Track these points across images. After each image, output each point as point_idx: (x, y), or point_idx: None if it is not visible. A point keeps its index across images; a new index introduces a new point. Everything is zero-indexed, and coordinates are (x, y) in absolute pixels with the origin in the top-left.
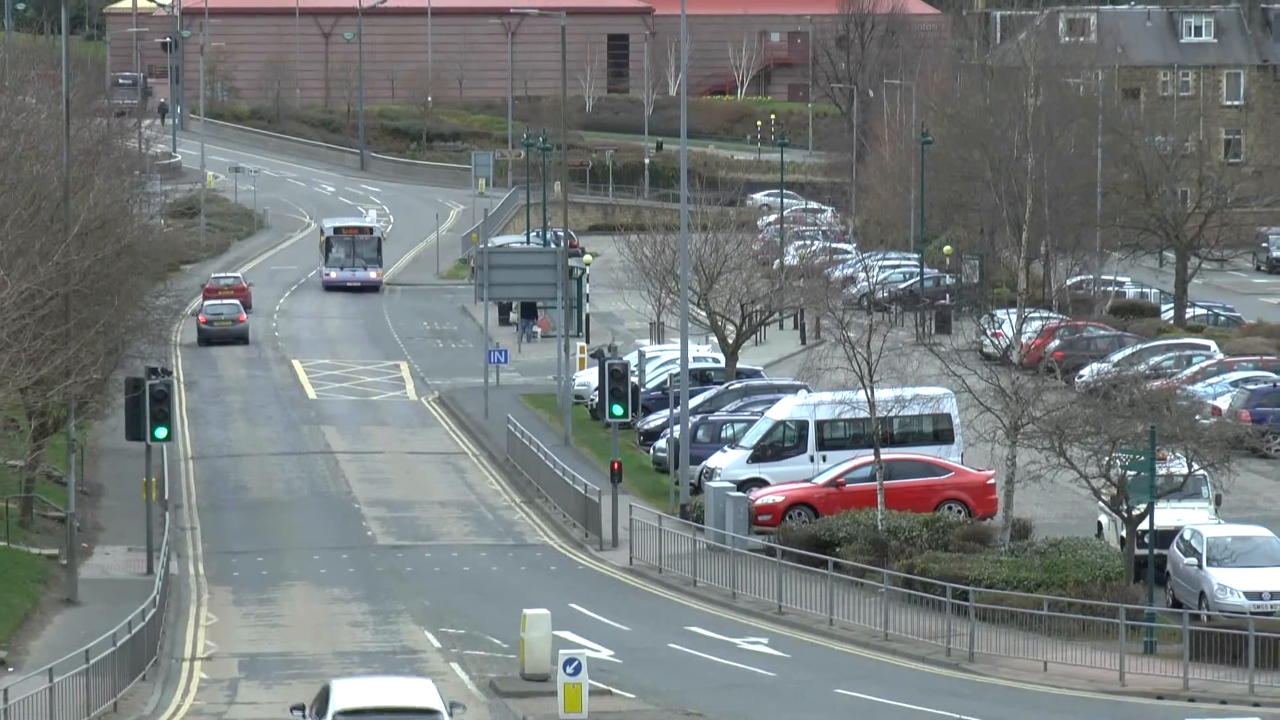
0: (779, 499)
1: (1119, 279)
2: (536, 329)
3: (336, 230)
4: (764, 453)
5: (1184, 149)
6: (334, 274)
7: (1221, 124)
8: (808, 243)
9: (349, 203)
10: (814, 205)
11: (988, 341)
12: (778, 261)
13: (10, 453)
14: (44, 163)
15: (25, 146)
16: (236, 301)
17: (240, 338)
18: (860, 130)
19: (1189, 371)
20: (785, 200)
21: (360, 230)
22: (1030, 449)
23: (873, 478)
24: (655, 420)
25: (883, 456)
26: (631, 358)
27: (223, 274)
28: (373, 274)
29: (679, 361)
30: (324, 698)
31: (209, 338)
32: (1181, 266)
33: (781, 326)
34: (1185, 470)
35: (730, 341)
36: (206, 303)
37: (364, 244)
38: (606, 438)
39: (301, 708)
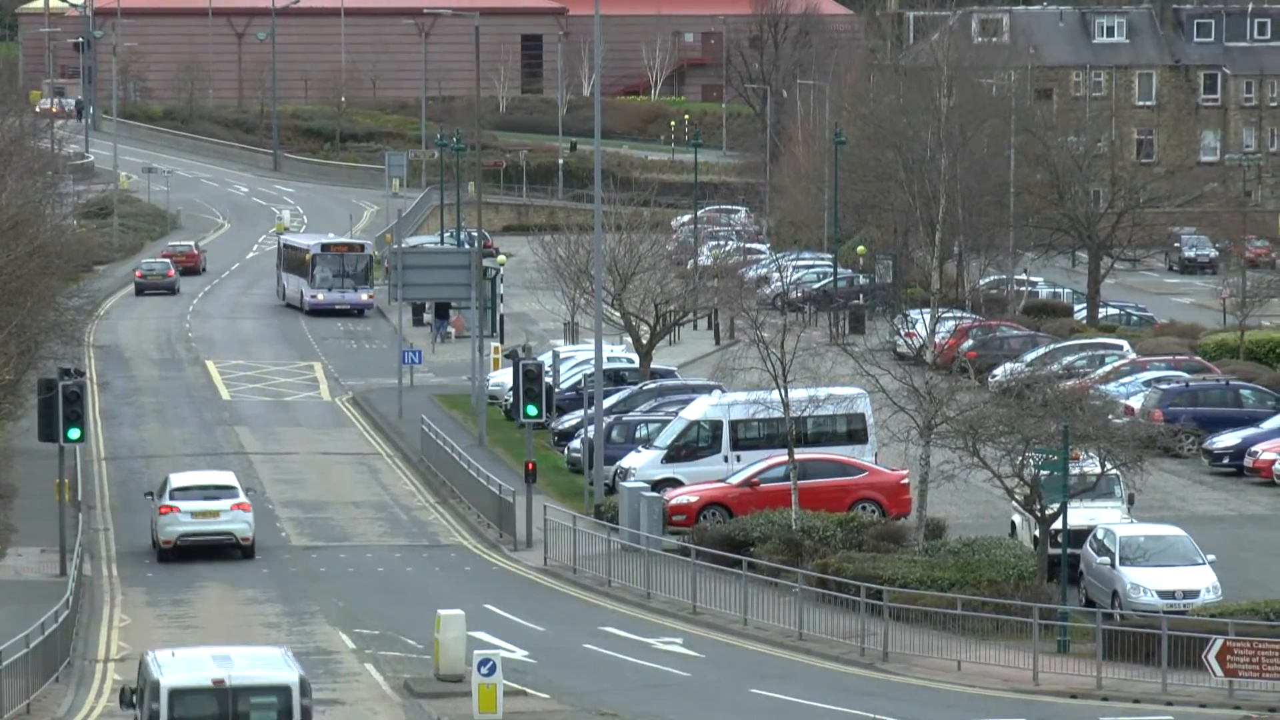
0: (693, 499)
1: (1032, 279)
2: (450, 329)
3: (324, 248)
4: (678, 453)
5: (1097, 149)
6: (320, 296)
7: (1134, 124)
8: (721, 243)
9: (263, 203)
10: (727, 206)
11: (901, 341)
12: (692, 262)
13: None
14: None
15: None
16: (167, 260)
17: (171, 289)
18: (774, 131)
19: (1102, 371)
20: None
21: (351, 247)
22: (944, 449)
23: (787, 478)
24: (570, 420)
25: (797, 456)
26: (546, 358)
27: (178, 243)
28: (364, 295)
29: (593, 362)
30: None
31: (142, 288)
32: (1094, 266)
33: (696, 327)
34: (1098, 470)
35: (645, 342)
36: (143, 260)
37: (354, 262)
38: (521, 438)
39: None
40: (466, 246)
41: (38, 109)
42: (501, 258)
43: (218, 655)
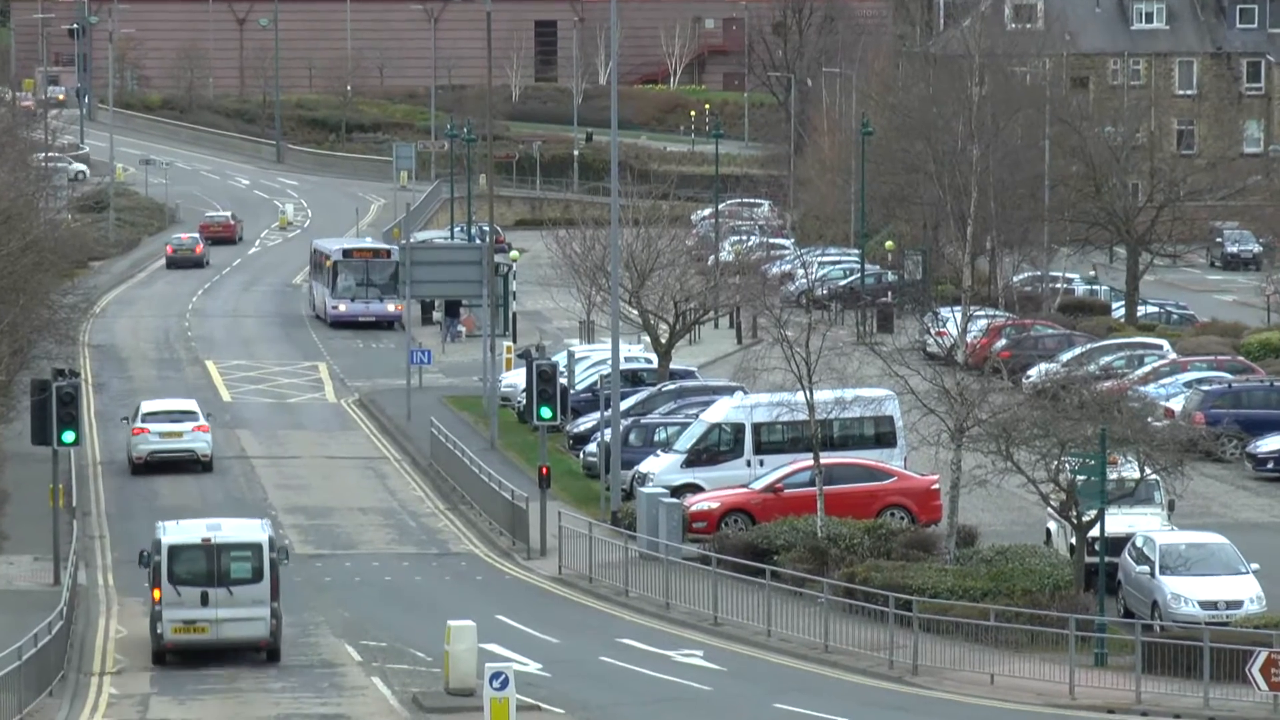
0: (714, 505)
1: (1067, 275)
2: (461, 328)
3: (346, 253)
4: (699, 457)
5: (1135, 140)
6: (342, 306)
7: (1174, 114)
8: (743, 238)
9: (265, 196)
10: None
11: (931, 341)
12: (712, 258)
13: None
14: None
15: None
16: (196, 235)
17: (198, 264)
18: (798, 121)
19: (1141, 372)
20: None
21: (376, 253)
22: (976, 453)
23: (812, 483)
24: (585, 423)
25: (822, 461)
26: (560, 358)
27: (214, 213)
28: (390, 306)
29: (610, 362)
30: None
31: (173, 263)
32: (1133, 262)
33: (717, 325)
34: (1137, 475)
35: (663, 341)
36: (173, 235)
37: (379, 270)
38: (534, 441)
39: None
40: (478, 242)
41: (20, 102)
42: (514, 253)
43: (210, 524)
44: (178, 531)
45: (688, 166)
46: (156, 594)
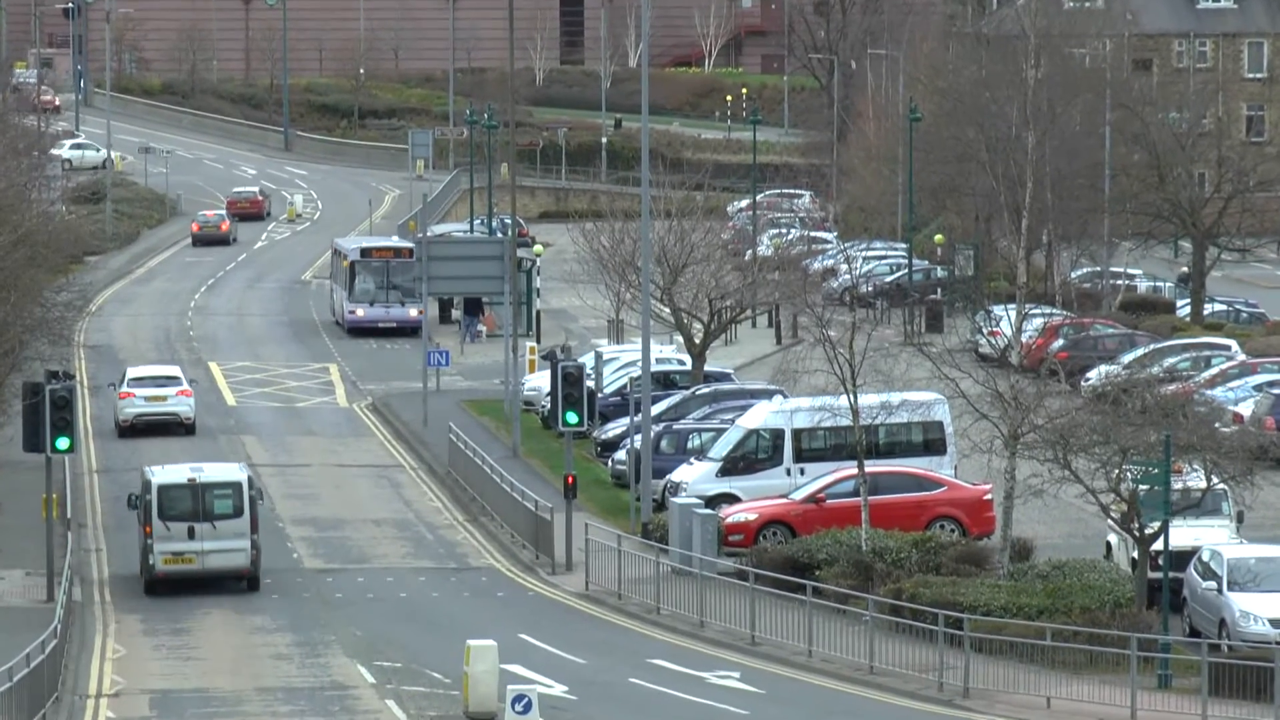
0: (752, 517)
1: (1129, 271)
2: (481, 327)
3: (364, 253)
4: (735, 465)
5: (1201, 126)
6: (360, 311)
7: (1242, 99)
8: (783, 231)
9: (272, 187)
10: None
11: (984, 341)
12: (750, 252)
13: None
14: None
15: None
16: (222, 213)
17: (224, 241)
18: (841, 106)
19: (1208, 374)
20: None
21: (397, 253)
22: (1031, 460)
23: (856, 493)
24: (614, 429)
25: (867, 469)
26: (587, 359)
27: (242, 189)
28: (413, 311)
29: (640, 363)
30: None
31: (198, 240)
32: (1199, 257)
33: (754, 325)
34: (1203, 484)
35: (697, 341)
36: (199, 214)
37: (401, 271)
38: (559, 449)
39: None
40: (499, 235)
41: (16, 82)
42: (538, 248)
43: (194, 466)
44: (165, 474)
45: (723, 155)
46: (148, 530)
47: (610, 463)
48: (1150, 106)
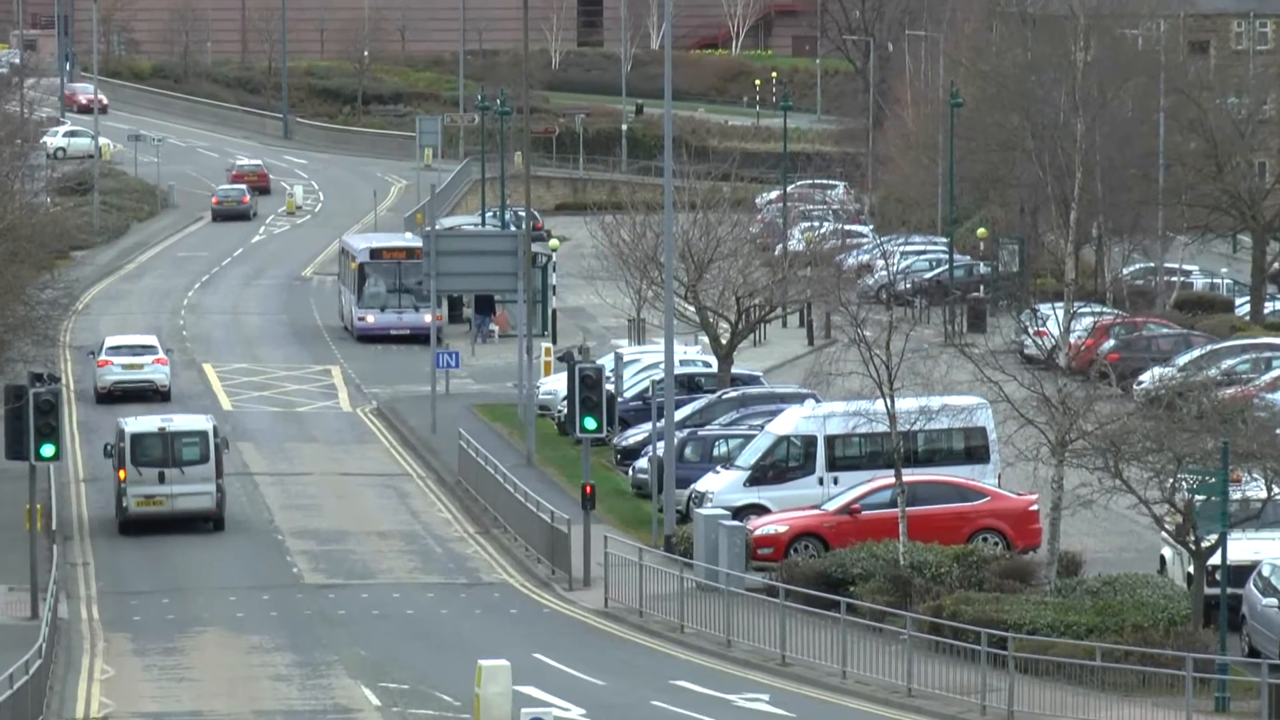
0: (782, 529)
1: (1185, 267)
2: (493, 327)
3: (374, 253)
4: (764, 474)
5: (1262, 113)
6: (370, 318)
7: None
8: (816, 224)
9: (271, 177)
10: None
11: (1029, 342)
12: (780, 247)
13: None
14: None
15: None
16: (244, 187)
17: (244, 215)
18: (878, 91)
19: (1268, 377)
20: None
21: (410, 253)
22: (1080, 469)
23: (893, 504)
24: (635, 436)
25: (905, 478)
26: (606, 361)
27: (245, 162)
28: (427, 317)
29: (663, 366)
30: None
31: (218, 215)
32: (1260, 252)
33: (785, 324)
34: (1264, 494)
35: (724, 342)
36: (219, 187)
37: (414, 273)
38: (576, 456)
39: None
40: (512, 229)
41: None
42: (554, 242)
43: (164, 417)
44: (137, 424)
45: (752, 143)
46: (122, 474)
47: (631, 471)
48: (1207, 91)
